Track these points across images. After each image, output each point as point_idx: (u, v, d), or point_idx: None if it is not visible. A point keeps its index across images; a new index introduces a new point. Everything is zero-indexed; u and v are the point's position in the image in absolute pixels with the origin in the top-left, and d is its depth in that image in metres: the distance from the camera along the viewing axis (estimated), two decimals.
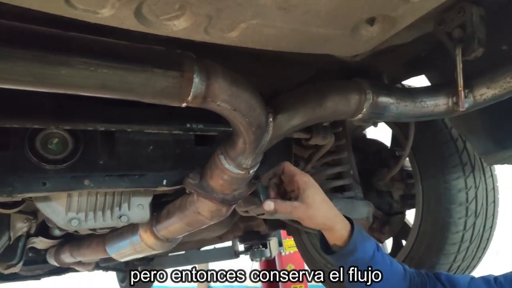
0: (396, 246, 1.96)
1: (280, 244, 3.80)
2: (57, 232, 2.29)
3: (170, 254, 4.08)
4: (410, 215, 1.88)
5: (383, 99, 1.00)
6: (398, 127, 1.70)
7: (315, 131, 1.38)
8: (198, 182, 1.11)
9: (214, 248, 4.27)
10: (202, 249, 4.03)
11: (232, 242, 4.24)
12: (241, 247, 4.01)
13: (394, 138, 1.91)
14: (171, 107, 1.40)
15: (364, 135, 2.10)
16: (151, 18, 0.84)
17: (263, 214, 1.35)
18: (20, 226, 1.90)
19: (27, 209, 1.75)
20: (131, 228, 1.54)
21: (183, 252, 4.15)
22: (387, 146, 1.91)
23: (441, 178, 1.52)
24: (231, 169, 1.02)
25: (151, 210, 1.35)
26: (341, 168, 1.66)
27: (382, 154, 1.85)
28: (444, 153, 1.54)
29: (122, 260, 1.97)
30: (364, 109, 0.98)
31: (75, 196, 1.21)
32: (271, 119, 0.95)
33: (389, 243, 2.07)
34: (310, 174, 1.63)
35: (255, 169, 1.06)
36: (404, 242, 1.93)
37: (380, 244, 1.93)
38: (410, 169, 1.77)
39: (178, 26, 0.88)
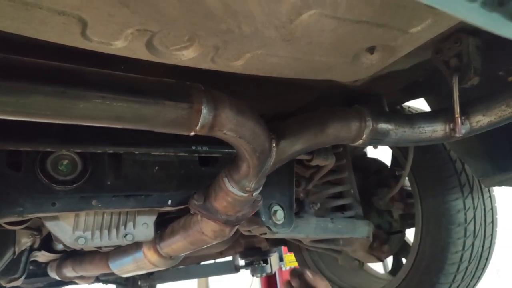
0: (397, 264, 1.98)
1: (281, 259, 3.81)
2: (59, 247, 2.31)
3: (170, 268, 4.08)
4: (411, 234, 1.90)
5: (383, 126, 1.04)
6: (398, 148, 1.74)
7: (317, 152, 1.41)
8: (202, 203, 1.14)
9: (215, 262, 4.27)
10: (202, 263, 4.04)
11: (233, 257, 4.24)
12: (241, 262, 4.01)
13: (394, 158, 1.95)
14: None
15: (365, 154, 2.14)
16: (161, 49, 0.88)
17: (265, 233, 1.38)
18: (25, 241, 1.93)
19: (32, 225, 1.78)
20: (135, 245, 1.56)
21: (183, 266, 4.15)
22: (387, 166, 1.94)
23: (441, 199, 1.55)
24: (235, 192, 1.05)
25: (155, 229, 1.38)
26: (342, 188, 1.70)
27: (382, 173, 1.88)
28: (443, 174, 1.57)
29: (124, 275, 1.99)
30: (364, 135, 1.02)
31: (82, 216, 1.24)
32: (274, 145, 0.98)
33: (389, 262, 2.09)
34: (311, 193, 1.68)
35: (258, 191, 1.09)
36: (404, 261, 1.95)
37: (381, 263, 1.96)
38: (410, 188, 1.81)
39: (186, 56, 0.92)
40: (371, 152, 2.17)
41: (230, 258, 4.29)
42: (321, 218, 1.57)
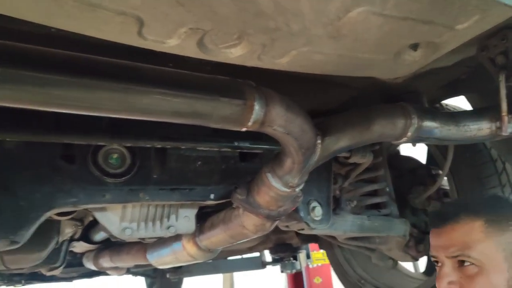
0: (430, 265, 1.96)
1: (308, 256, 3.82)
2: (97, 238, 2.40)
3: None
4: None
5: (428, 124, 1.04)
6: (436, 146, 1.72)
7: (355, 150, 1.42)
8: (245, 197, 1.17)
9: (242, 258, 4.32)
10: (230, 258, 4.09)
11: (260, 253, 4.27)
12: (268, 258, 4.04)
13: (429, 156, 1.92)
14: None
15: (398, 152, 2.12)
16: (211, 46, 0.91)
17: (303, 229, 1.40)
18: (68, 231, 2.02)
19: (76, 216, 1.86)
20: (174, 238, 1.61)
21: (210, 260, 4.21)
22: (423, 164, 1.92)
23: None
24: (278, 187, 1.08)
25: (196, 222, 1.42)
26: (378, 186, 1.69)
27: (418, 172, 1.86)
28: (483, 174, 1.54)
29: (161, 267, 2.06)
30: (409, 133, 1.02)
31: (129, 207, 1.29)
32: (319, 141, 1.00)
33: (419, 262, 2.06)
34: (347, 191, 1.68)
35: (301, 187, 1.11)
36: None
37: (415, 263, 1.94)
38: (447, 187, 1.78)
39: (234, 54, 0.95)
40: (405, 150, 2.15)
41: (257, 254, 4.33)
42: (358, 216, 1.57)
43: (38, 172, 1.06)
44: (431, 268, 1.98)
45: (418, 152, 2.07)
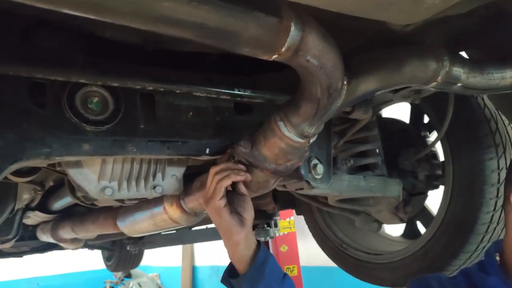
0: (411, 227, 1.95)
1: (276, 225, 3.77)
2: (56, 207, 2.17)
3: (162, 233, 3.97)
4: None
5: (457, 69, 0.95)
6: (429, 105, 1.66)
7: (358, 104, 1.31)
8: (249, 150, 1.04)
9: (206, 228, 4.19)
10: (194, 228, 3.95)
11: None
12: None
13: (413, 117, 1.88)
14: (208, 72, 1.30)
15: (380, 115, 2.06)
16: None
17: (302, 189, 1.29)
18: (26, 197, 1.78)
19: (36, 179, 1.63)
20: (153, 201, 1.45)
21: (174, 231, 4.05)
22: (410, 126, 1.87)
23: (475, 159, 1.50)
24: (291, 137, 0.95)
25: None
26: (371, 146, 1.62)
27: (407, 133, 1.81)
28: (478, 134, 1.51)
29: (135, 235, 1.89)
30: (439, 77, 0.93)
31: (109, 163, 1.11)
32: (345, 82, 0.88)
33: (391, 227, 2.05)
34: (338, 151, 1.59)
35: (314, 138, 0.99)
36: (418, 224, 1.93)
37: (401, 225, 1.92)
38: (435, 149, 1.75)
39: None
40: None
41: None
42: (354, 176, 1.49)
43: (1, 116, 0.85)
44: (409, 231, 1.98)
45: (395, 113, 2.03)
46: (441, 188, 1.70)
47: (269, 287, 0.99)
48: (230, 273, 1.05)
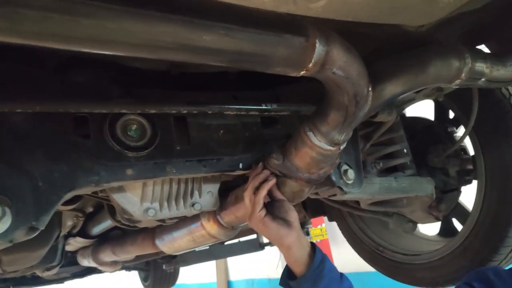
0: (447, 225, 1.94)
1: (307, 233, 3.78)
2: (95, 231, 2.25)
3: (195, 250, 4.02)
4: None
5: (480, 64, 0.97)
6: (452, 100, 1.67)
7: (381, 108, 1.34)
8: (281, 162, 1.07)
9: (239, 241, 4.22)
10: (226, 243, 3.98)
11: (257, 234, 4.18)
12: (266, 239, 3.96)
13: (438, 113, 1.88)
14: (233, 90, 1.36)
15: (404, 114, 2.07)
16: None
17: (335, 195, 1.32)
18: (69, 224, 1.87)
19: (77, 206, 1.71)
20: (189, 219, 1.50)
21: (206, 247, 4.09)
22: (436, 122, 1.87)
23: (507, 150, 1.49)
24: (321, 146, 0.98)
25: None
26: (399, 147, 1.63)
27: (434, 130, 1.81)
28: (507, 124, 1.50)
29: (175, 253, 1.94)
30: (463, 75, 0.95)
31: (149, 186, 1.17)
32: (370, 89, 0.91)
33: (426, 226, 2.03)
34: (365, 154, 1.61)
35: (344, 145, 1.03)
36: (454, 221, 1.91)
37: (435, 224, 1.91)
38: (464, 144, 1.74)
39: None
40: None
41: (254, 236, 4.23)
42: (385, 178, 1.51)
43: (52, 149, 0.92)
44: (446, 229, 1.96)
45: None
46: (474, 183, 1.69)
47: (329, 286, 1.00)
48: (288, 275, 1.07)
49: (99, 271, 3.32)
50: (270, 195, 1.11)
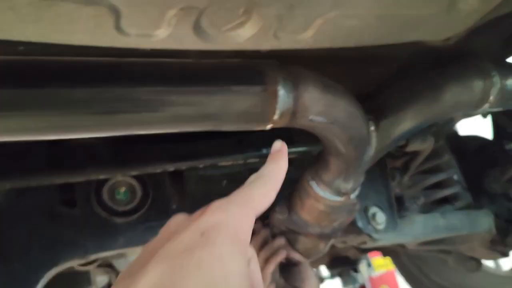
0: None
1: (369, 265, 3.47)
2: None
3: None
4: None
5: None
6: (506, 115, 1.41)
7: (410, 137, 1.15)
8: (287, 216, 0.93)
9: None
10: None
11: (316, 268, 3.94)
12: (324, 272, 3.71)
13: (497, 130, 1.61)
14: (239, 134, 1.25)
15: (456, 133, 1.81)
16: (212, 31, 0.69)
17: (365, 242, 1.14)
18: (101, 279, 1.84)
19: (102, 263, 1.68)
20: None
21: None
22: (490, 141, 1.60)
23: None
24: (327, 197, 0.83)
25: None
26: (445, 175, 1.40)
27: (487, 150, 1.55)
28: None
29: None
30: (491, 97, 0.75)
31: None
32: (372, 128, 0.75)
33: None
34: (407, 187, 1.40)
35: (357, 192, 0.86)
36: None
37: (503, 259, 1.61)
38: None
39: (243, 36, 0.72)
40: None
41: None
42: (429, 215, 1.29)
43: (34, 224, 0.87)
44: None
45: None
46: None
47: None
48: None
49: None
50: (286, 258, 0.97)
